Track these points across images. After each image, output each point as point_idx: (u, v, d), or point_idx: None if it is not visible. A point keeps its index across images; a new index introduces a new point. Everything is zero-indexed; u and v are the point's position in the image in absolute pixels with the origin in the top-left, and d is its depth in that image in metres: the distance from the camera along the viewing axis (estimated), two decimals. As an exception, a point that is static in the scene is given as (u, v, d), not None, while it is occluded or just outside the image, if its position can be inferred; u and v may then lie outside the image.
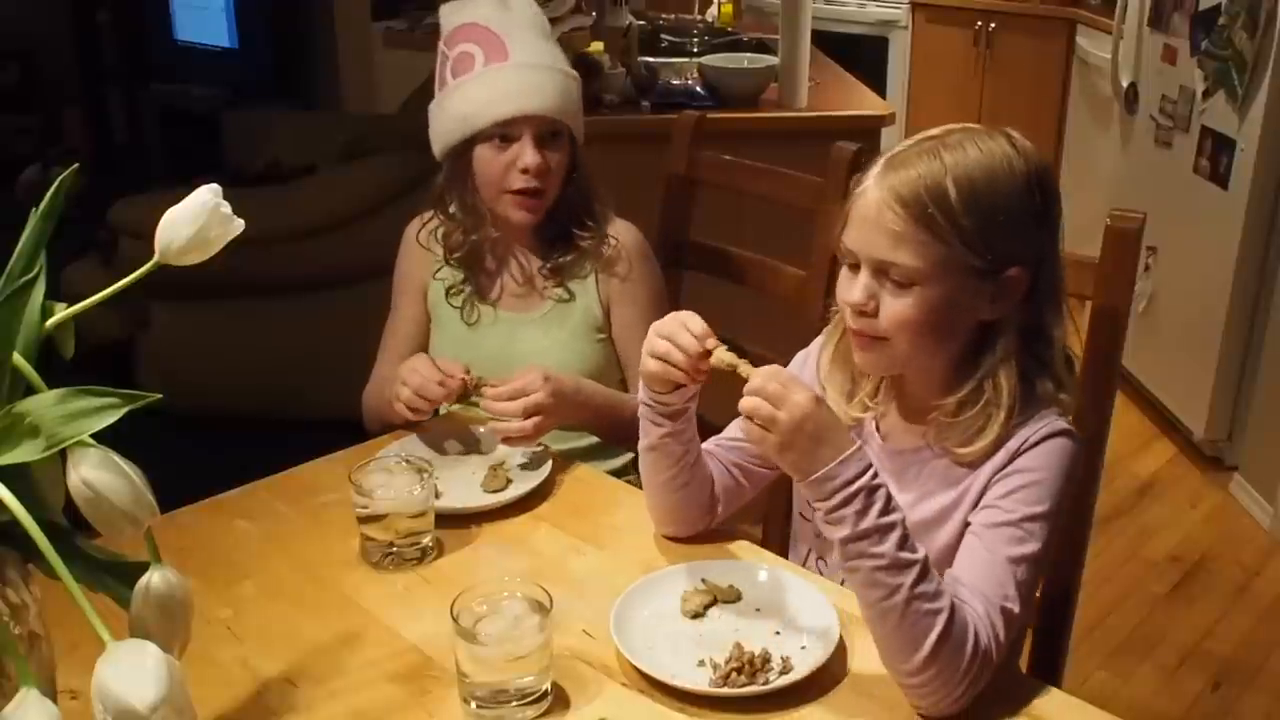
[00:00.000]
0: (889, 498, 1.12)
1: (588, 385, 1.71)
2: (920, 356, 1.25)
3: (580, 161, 1.79)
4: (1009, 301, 1.21)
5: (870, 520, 1.10)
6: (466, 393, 1.64)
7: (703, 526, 1.45)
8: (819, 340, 1.41)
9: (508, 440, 1.61)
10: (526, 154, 1.69)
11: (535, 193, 1.72)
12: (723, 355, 1.24)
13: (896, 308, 1.20)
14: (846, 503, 1.11)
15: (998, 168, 1.18)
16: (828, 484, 1.11)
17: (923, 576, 1.11)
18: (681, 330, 1.26)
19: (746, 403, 1.14)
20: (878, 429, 1.34)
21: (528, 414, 1.58)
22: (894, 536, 1.11)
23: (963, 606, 1.14)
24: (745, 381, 1.16)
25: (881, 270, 1.20)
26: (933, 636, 1.10)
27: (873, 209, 1.19)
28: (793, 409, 1.11)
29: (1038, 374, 1.24)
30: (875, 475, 1.12)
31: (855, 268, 1.23)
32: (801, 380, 1.16)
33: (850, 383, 1.34)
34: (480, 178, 1.73)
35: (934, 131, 1.22)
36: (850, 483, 1.11)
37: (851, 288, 1.23)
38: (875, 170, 1.21)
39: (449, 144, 1.74)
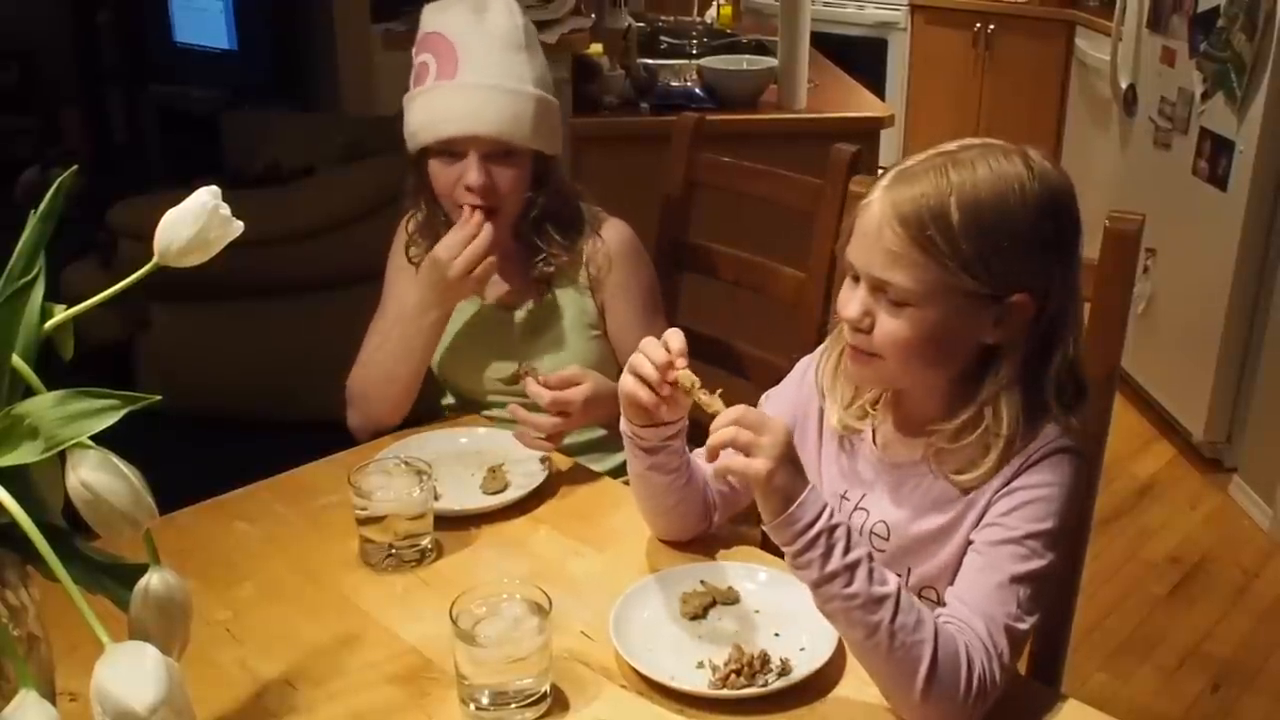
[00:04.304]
0: (849, 535, 1.11)
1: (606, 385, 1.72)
2: (914, 376, 1.23)
3: (554, 175, 1.77)
4: (1013, 327, 1.17)
5: (835, 561, 1.09)
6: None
7: (700, 532, 1.45)
8: (822, 347, 1.39)
9: (527, 442, 1.60)
10: (470, 173, 1.66)
11: (487, 209, 1.69)
12: (685, 375, 1.23)
13: (890, 326, 1.17)
14: (810, 546, 1.09)
15: (1007, 190, 1.13)
16: (789, 528, 1.10)
17: (899, 608, 1.09)
18: (655, 345, 1.25)
19: (724, 433, 1.12)
20: (875, 441, 1.32)
21: (556, 409, 1.57)
22: (861, 573, 1.09)
23: (953, 630, 1.13)
24: (708, 413, 1.17)
25: (878, 287, 1.17)
26: (923, 668, 1.09)
27: (874, 224, 1.16)
28: (777, 433, 1.11)
29: (1043, 403, 1.20)
30: (832, 515, 1.11)
31: (857, 280, 1.21)
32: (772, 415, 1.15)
33: (852, 391, 1.32)
34: (435, 188, 1.73)
35: (949, 146, 1.18)
36: (810, 525, 1.09)
37: (849, 302, 1.20)
38: (883, 183, 1.18)
39: (409, 150, 1.74)
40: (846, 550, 1.10)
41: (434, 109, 1.67)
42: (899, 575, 1.20)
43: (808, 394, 1.39)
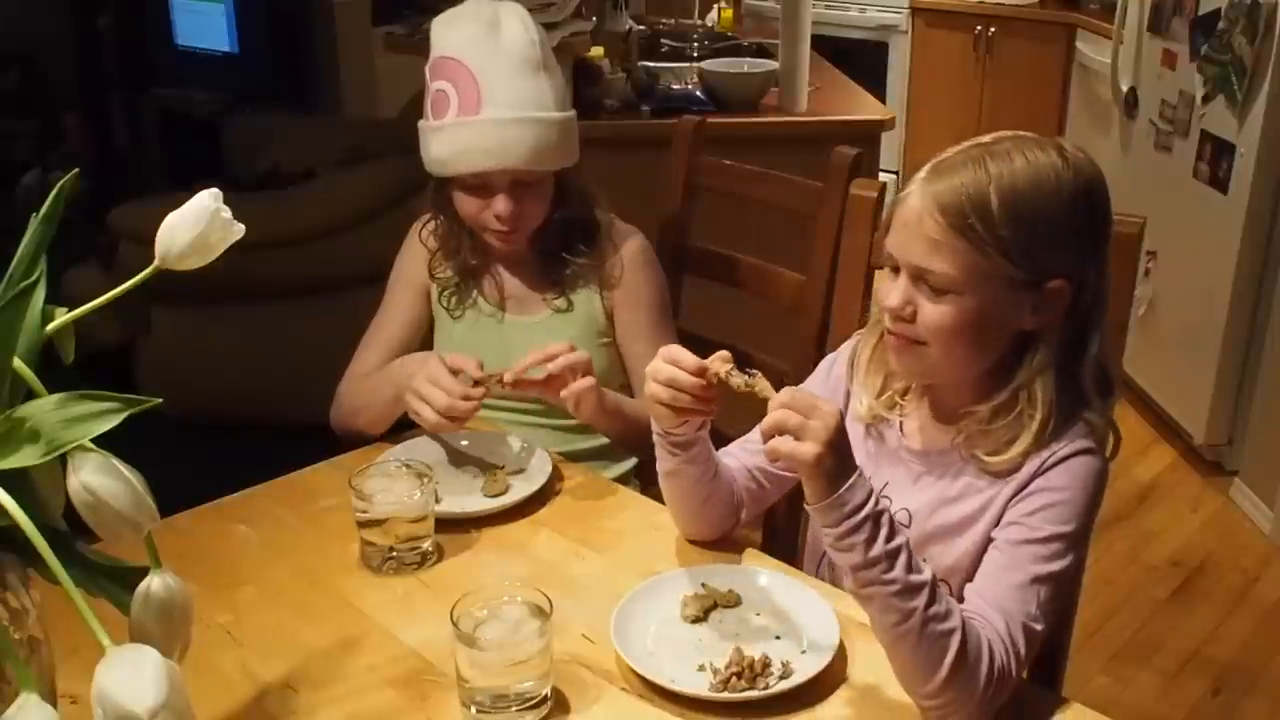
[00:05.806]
0: (892, 522, 1.11)
1: (617, 394, 1.73)
2: (956, 363, 1.24)
3: (572, 186, 1.77)
4: (1051, 313, 1.20)
5: (879, 547, 1.09)
6: (488, 392, 1.60)
7: (727, 530, 1.46)
8: (849, 343, 1.42)
9: (571, 401, 1.58)
10: (498, 204, 1.69)
11: (512, 231, 1.72)
12: (736, 379, 1.22)
13: (933, 314, 1.19)
14: (855, 530, 1.09)
15: (1043, 180, 1.17)
16: (837, 510, 1.10)
17: (933, 597, 1.10)
18: (676, 373, 1.25)
19: (776, 416, 1.11)
20: (902, 429, 1.33)
21: (580, 371, 1.57)
22: (902, 560, 1.09)
23: (976, 623, 1.13)
24: (759, 400, 1.15)
25: (919, 276, 1.19)
26: (949, 658, 1.09)
27: (913, 215, 1.19)
28: (827, 417, 1.10)
29: (1079, 391, 1.22)
30: (878, 501, 1.11)
31: (896, 271, 1.23)
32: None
33: (881, 381, 1.34)
34: (459, 212, 1.75)
35: (984, 139, 1.22)
36: (859, 509, 1.09)
37: (890, 292, 1.22)
38: (920, 175, 1.21)
39: (429, 173, 1.75)
40: (890, 537, 1.10)
41: (459, 144, 1.67)
42: None
43: (834, 386, 1.41)
